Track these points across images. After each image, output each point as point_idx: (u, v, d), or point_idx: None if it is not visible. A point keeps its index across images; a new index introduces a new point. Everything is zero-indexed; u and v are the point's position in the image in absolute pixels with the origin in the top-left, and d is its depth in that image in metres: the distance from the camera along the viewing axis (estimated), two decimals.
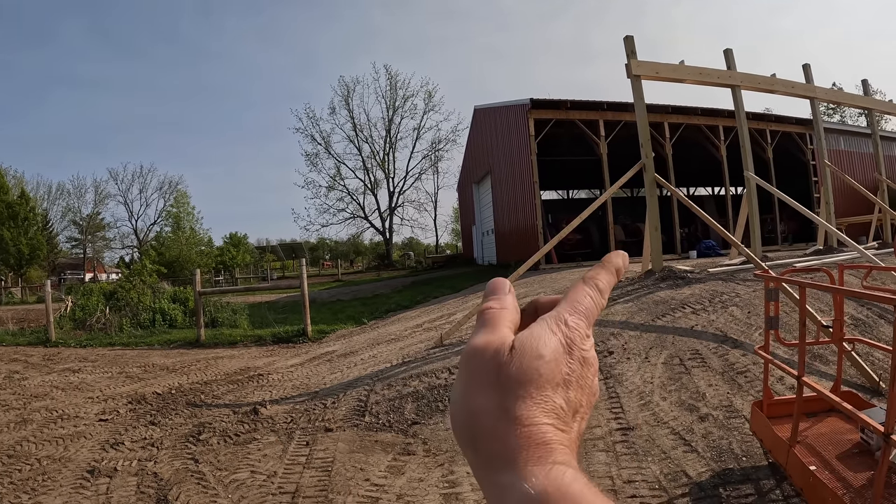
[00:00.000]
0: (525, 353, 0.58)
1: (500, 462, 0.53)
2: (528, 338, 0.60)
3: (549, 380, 0.58)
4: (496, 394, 0.56)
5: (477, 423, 0.56)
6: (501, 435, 0.54)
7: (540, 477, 0.51)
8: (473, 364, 0.60)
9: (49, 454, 6.65)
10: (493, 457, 0.54)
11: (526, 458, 0.52)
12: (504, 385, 0.57)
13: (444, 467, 5.51)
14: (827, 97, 16.78)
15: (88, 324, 18.47)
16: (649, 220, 12.40)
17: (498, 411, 0.56)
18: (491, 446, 0.54)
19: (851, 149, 35.71)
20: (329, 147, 75.14)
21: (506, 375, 0.57)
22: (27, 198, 63.69)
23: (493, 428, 0.55)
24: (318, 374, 9.88)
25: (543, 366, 0.58)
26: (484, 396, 0.57)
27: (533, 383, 0.57)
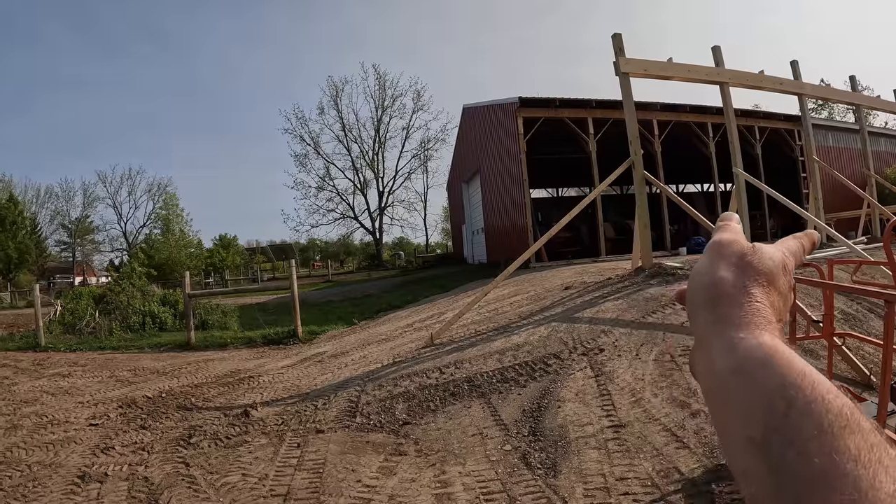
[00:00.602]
0: (763, 253, 0.74)
1: (734, 322, 0.66)
2: (765, 246, 0.76)
3: (773, 280, 0.72)
4: (739, 273, 0.71)
5: (720, 289, 0.70)
6: (740, 301, 0.68)
7: (766, 338, 0.63)
8: (724, 249, 0.75)
9: (39, 460, 6.61)
10: (728, 317, 0.67)
11: (757, 323, 0.66)
12: (745, 269, 0.72)
13: (436, 467, 5.50)
14: (815, 93, 16.88)
15: (78, 328, 18.38)
16: (639, 217, 12.42)
17: (739, 284, 0.70)
18: (729, 309, 0.68)
19: (840, 145, 35.82)
20: (318, 147, 75.14)
21: (748, 262, 0.72)
22: (15, 201, 63.52)
23: (734, 295, 0.69)
24: (308, 376, 9.85)
25: (774, 267, 0.73)
26: (729, 272, 0.72)
27: (766, 276, 0.71)
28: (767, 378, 0.58)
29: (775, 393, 0.57)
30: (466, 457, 5.66)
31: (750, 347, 0.62)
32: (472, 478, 5.20)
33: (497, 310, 12.25)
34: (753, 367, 0.60)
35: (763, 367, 0.59)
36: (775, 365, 0.59)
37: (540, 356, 8.14)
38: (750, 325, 0.65)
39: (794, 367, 0.58)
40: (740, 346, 0.63)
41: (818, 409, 0.54)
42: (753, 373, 0.59)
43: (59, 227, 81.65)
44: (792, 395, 0.55)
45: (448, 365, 8.44)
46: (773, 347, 0.61)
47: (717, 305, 0.69)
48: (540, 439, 5.80)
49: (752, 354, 0.61)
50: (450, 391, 7.52)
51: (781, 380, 0.57)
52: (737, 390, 0.60)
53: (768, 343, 0.62)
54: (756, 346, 0.62)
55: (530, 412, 6.49)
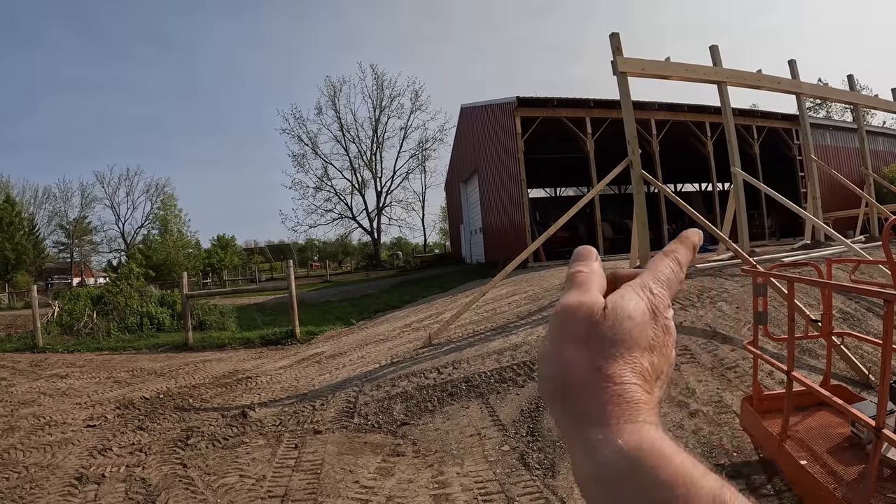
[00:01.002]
0: (617, 313, 0.61)
1: (590, 417, 0.56)
2: (619, 300, 0.63)
3: (638, 342, 0.60)
4: (588, 350, 0.59)
5: (568, 379, 0.59)
6: (593, 391, 0.57)
7: (633, 434, 0.54)
8: (567, 322, 0.62)
9: (37, 461, 6.60)
10: (583, 412, 0.57)
11: (618, 414, 0.55)
12: (596, 343, 0.59)
13: (434, 468, 5.49)
14: (813, 92, 16.86)
15: (76, 329, 18.36)
16: (637, 216, 12.40)
17: (589, 367, 0.58)
18: (582, 401, 0.58)
19: (837, 144, 35.83)
20: (316, 147, 75.07)
21: (598, 334, 0.60)
22: (12, 202, 63.49)
23: (585, 383, 0.58)
24: (306, 376, 9.84)
25: (634, 327, 0.61)
26: (576, 352, 0.59)
27: (624, 344, 0.60)
28: (631, 489, 0.52)
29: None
30: (464, 457, 5.65)
31: (611, 452, 0.54)
32: (469, 478, 5.19)
33: (495, 310, 12.24)
34: (614, 477, 0.53)
35: (626, 477, 0.52)
36: (640, 471, 0.52)
37: (538, 356, 8.13)
38: (610, 418, 0.56)
39: (663, 472, 0.51)
40: (599, 450, 0.55)
41: None
42: (614, 483, 0.53)
43: (57, 228, 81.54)
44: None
45: (446, 365, 8.43)
46: (638, 448, 0.53)
47: (567, 400, 0.59)
48: (538, 439, 5.79)
49: (611, 461, 0.54)
50: (448, 391, 7.51)
51: (648, 491, 0.51)
52: (599, 502, 0.54)
53: (633, 443, 0.54)
54: (616, 451, 0.53)
55: (528, 412, 6.48)
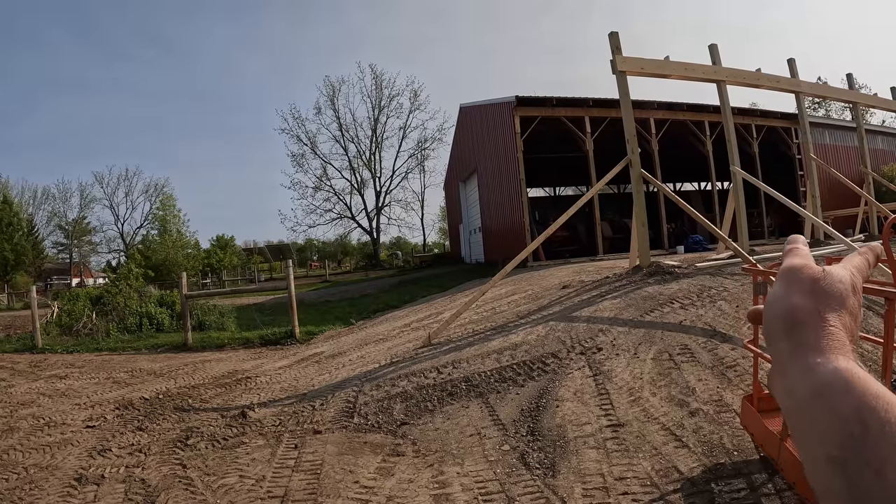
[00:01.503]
0: (833, 277, 0.76)
1: (811, 347, 0.69)
2: (833, 269, 0.78)
3: (844, 302, 0.74)
4: (812, 298, 0.74)
5: (796, 317, 0.73)
6: (815, 327, 0.71)
7: (842, 362, 0.66)
8: (795, 276, 0.78)
9: (36, 462, 6.59)
10: (805, 343, 0.70)
11: (833, 347, 0.68)
12: (818, 294, 0.74)
13: (434, 468, 5.48)
14: (812, 91, 16.88)
15: (75, 329, 18.36)
16: (636, 215, 12.41)
17: (814, 310, 0.73)
18: (805, 335, 0.71)
19: (836, 142, 35.87)
20: (315, 147, 75.22)
21: (820, 288, 0.75)
22: (10, 203, 63.45)
23: (809, 322, 0.72)
24: (306, 376, 9.83)
25: (844, 290, 0.75)
26: (803, 299, 0.74)
27: (837, 300, 0.74)
28: (844, 402, 0.61)
29: (852, 416, 0.60)
30: (465, 457, 5.64)
31: (827, 372, 0.65)
32: (470, 478, 5.18)
33: (495, 309, 12.24)
34: (831, 392, 0.63)
35: (840, 392, 0.62)
36: (852, 389, 0.62)
37: (538, 355, 8.12)
38: (826, 349, 0.68)
39: (870, 390, 0.61)
40: (818, 370, 0.66)
41: (892, 431, 0.57)
42: (831, 397, 0.63)
43: (56, 229, 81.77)
44: (867, 418, 0.59)
45: (446, 365, 8.42)
46: (850, 371, 0.64)
47: (793, 332, 0.72)
48: (538, 439, 5.78)
49: (829, 379, 0.64)
50: (448, 391, 7.50)
51: (857, 403, 0.60)
52: (816, 413, 0.64)
53: (844, 367, 0.65)
54: (833, 371, 0.65)
55: (528, 412, 6.47)
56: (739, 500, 4.34)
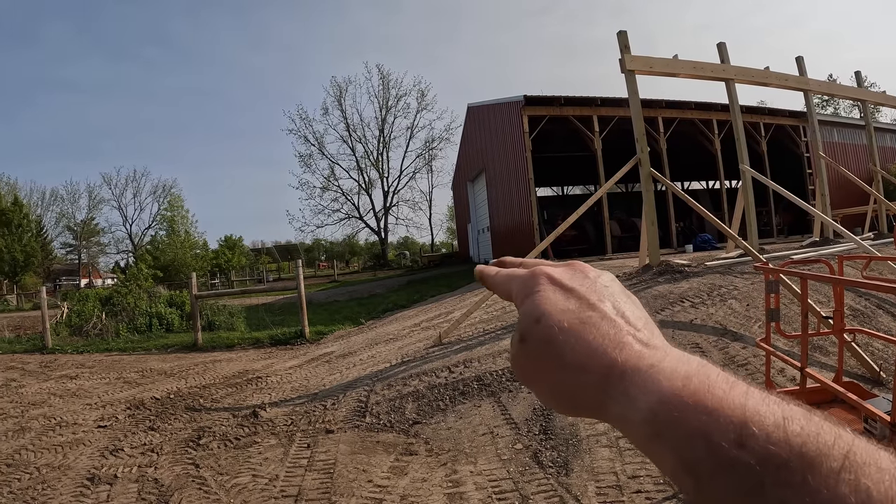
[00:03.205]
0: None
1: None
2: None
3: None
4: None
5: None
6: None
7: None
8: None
9: (48, 462, 6.61)
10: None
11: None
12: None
13: (447, 467, 5.48)
14: (820, 89, 16.80)
15: (85, 330, 18.41)
16: (646, 214, 12.39)
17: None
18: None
19: (845, 140, 35.78)
20: (322, 148, 75.28)
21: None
22: (20, 204, 63.63)
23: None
24: (317, 376, 9.85)
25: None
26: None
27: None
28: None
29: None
30: (478, 456, 5.64)
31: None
32: (483, 477, 5.18)
33: (505, 308, 12.23)
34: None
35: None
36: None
37: None
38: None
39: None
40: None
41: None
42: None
43: (65, 230, 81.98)
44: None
45: (457, 364, 8.42)
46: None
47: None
48: (551, 438, 5.78)
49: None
50: (459, 390, 7.50)
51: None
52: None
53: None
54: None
55: (541, 411, 6.47)
56: None
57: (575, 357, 0.56)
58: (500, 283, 0.71)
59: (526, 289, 0.64)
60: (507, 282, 0.69)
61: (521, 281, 0.66)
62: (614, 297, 0.64)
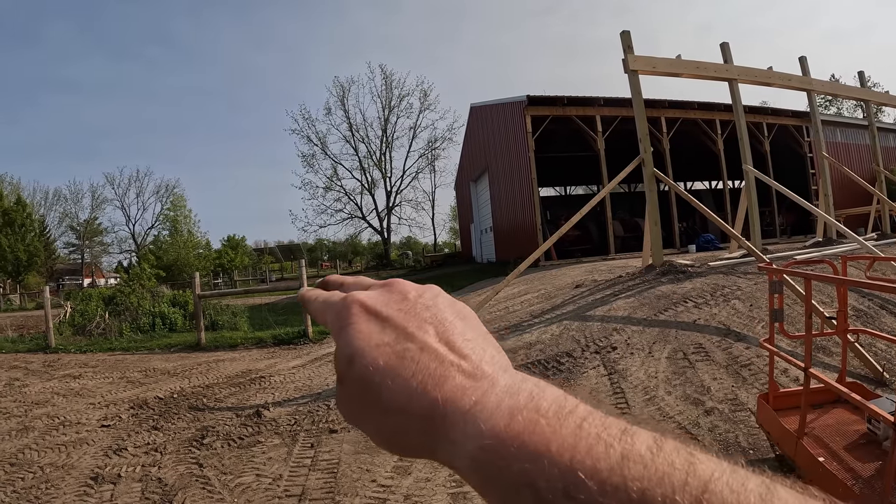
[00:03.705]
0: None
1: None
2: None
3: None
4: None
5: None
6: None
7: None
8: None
9: (52, 461, 6.62)
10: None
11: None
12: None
13: None
14: (823, 89, 16.78)
15: (88, 329, 18.41)
16: (649, 214, 12.39)
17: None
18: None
19: (848, 141, 35.70)
20: (325, 148, 75.05)
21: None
22: (24, 204, 63.66)
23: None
24: (320, 375, 9.85)
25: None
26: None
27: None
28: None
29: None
30: None
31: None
32: None
33: (508, 308, 12.24)
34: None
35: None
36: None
37: (552, 354, 8.13)
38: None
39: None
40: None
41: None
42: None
43: (68, 229, 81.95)
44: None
45: None
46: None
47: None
48: None
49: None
50: None
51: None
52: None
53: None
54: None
55: None
56: None
57: (393, 399, 0.52)
58: (319, 312, 0.66)
59: (339, 321, 0.60)
60: (323, 311, 0.64)
61: (335, 311, 0.61)
62: (438, 318, 0.58)
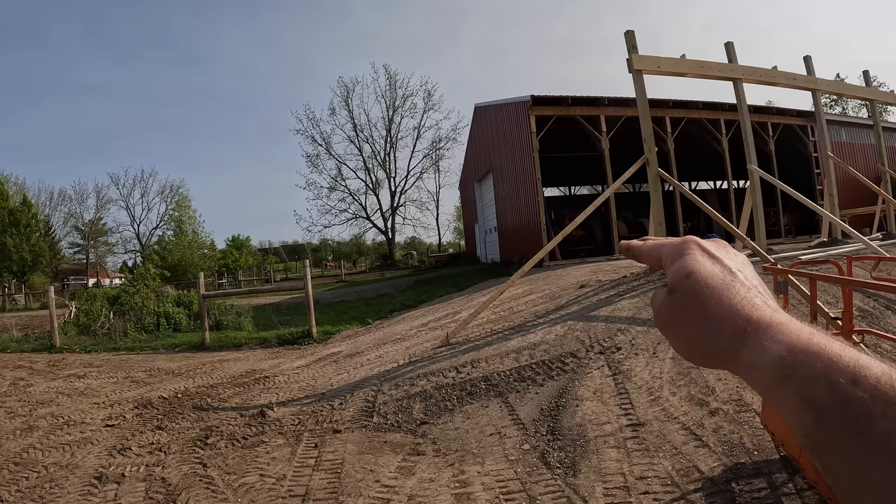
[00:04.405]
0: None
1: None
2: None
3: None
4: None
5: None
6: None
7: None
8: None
9: (56, 461, 6.63)
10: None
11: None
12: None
13: (455, 467, 5.48)
14: (828, 89, 16.76)
15: (93, 329, 18.45)
16: (654, 215, 12.37)
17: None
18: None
19: (853, 140, 35.60)
20: (330, 148, 75.16)
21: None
22: (29, 204, 63.63)
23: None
24: (324, 376, 9.86)
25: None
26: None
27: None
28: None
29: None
30: (485, 456, 5.64)
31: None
32: (491, 477, 5.18)
33: (512, 308, 12.23)
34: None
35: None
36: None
37: (557, 355, 8.11)
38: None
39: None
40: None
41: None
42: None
43: (73, 230, 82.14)
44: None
45: (464, 364, 8.43)
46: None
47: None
48: (558, 438, 5.78)
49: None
50: (467, 390, 7.50)
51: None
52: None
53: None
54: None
55: (548, 411, 6.46)
56: (760, 499, 4.32)
57: (718, 310, 0.67)
58: (649, 251, 0.82)
59: (677, 252, 0.75)
60: (656, 248, 0.80)
61: (672, 246, 0.77)
62: (750, 272, 0.73)
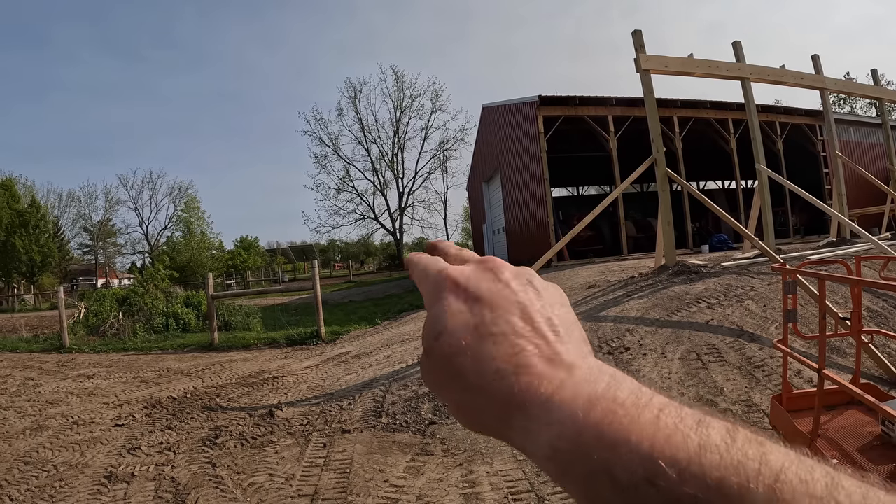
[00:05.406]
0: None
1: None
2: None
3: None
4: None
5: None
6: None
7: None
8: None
9: (66, 460, 6.66)
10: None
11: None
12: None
13: (464, 467, 5.49)
14: (836, 88, 16.69)
15: (102, 329, 18.53)
16: (662, 215, 12.35)
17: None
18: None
19: (862, 139, 35.42)
20: (337, 149, 75.00)
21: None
22: (38, 205, 63.91)
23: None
24: (332, 376, 9.88)
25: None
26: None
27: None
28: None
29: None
30: (493, 456, 5.64)
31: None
32: (499, 477, 5.18)
33: None
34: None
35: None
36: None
37: None
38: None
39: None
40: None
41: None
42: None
43: (82, 231, 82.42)
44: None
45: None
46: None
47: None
48: None
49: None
50: None
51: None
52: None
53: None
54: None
55: None
56: None
57: (475, 379, 0.52)
58: (419, 279, 0.66)
59: (432, 295, 0.60)
60: (423, 279, 0.65)
61: (432, 283, 0.62)
62: (526, 302, 0.58)
